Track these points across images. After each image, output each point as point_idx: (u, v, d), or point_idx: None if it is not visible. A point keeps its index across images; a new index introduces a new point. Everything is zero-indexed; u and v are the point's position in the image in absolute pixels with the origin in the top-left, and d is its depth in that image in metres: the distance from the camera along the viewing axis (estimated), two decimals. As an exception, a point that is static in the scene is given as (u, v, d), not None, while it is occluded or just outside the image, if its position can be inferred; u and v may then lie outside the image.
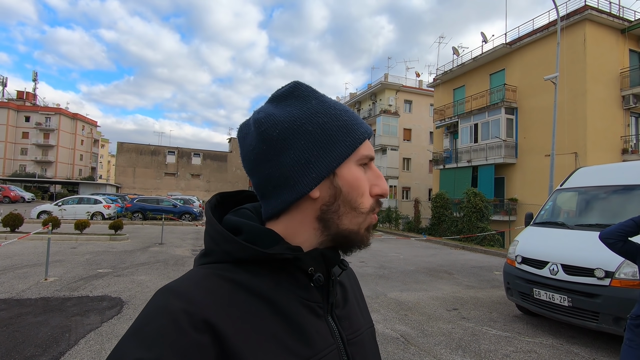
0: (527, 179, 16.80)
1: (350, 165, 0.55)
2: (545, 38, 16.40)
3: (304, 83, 0.58)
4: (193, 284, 0.47)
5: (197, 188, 47.15)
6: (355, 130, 0.56)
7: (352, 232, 0.55)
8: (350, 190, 0.54)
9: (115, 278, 6.76)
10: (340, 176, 0.54)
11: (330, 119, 0.54)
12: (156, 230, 14.94)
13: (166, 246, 11.20)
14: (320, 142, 0.53)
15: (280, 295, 0.51)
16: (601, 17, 14.91)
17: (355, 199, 0.54)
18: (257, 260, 0.51)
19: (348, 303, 0.62)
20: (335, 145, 0.53)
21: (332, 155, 0.53)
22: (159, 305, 0.44)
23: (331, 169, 0.53)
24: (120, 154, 45.66)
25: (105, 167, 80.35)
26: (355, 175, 0.55)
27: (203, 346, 0.42)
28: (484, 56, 19.28)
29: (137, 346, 0.41)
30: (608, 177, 5.24)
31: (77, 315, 4.67)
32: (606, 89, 15.02)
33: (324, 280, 0.54)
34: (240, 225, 0.54)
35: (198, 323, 0.42)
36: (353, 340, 0.57)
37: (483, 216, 15.45)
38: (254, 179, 0.56)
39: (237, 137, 0.59)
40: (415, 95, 32.00)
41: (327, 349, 0.52)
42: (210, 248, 0.54)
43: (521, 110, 17.50)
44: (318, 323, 0.53)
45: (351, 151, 0.54)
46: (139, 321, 0.44)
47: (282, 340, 0.47)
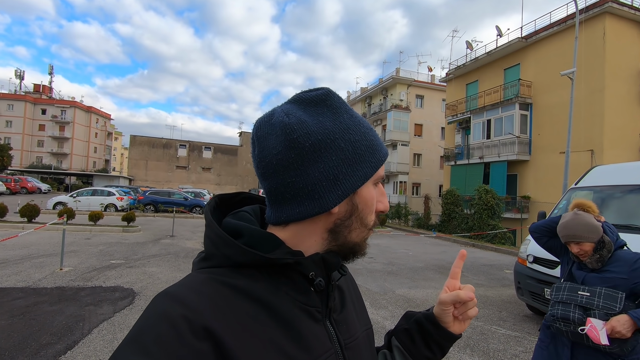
0: (540, 177, 16.49)
1: (368, 185, 0.56)
2: (562, 32, 15.96)
3: (335, 92, 0.57)
4: (192, 289, 0.47)
5: (207, 181, 47.64)
6: (379, 151, 0.57)
7: (357, 244, 0.57)
8: (364, 208, 0.56)
9: (127, 269, 6.90)
10: (359, 194, 0.55)
11: (361, 138, 0.55)
12: (167, 223, 15.17)
13: (177, 238, 11.37)
14: (350, 161, 0.53)
15: (279, 300, 0.50)
16: (622, 10, 14.41)
17: (367, 216, 0.57)
18: (257, 265, 0.51)
19: (345, 307, 0.63)
20: (363, 164, 0.54)
21: (359, 175, 0.53)
22: (158, 311, 0.44)
23: (355, 188, 0.53)
24: (133, 147, 46.35)
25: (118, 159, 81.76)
26: (371, 195, 0.57)
27: (202, 353, 0.41)
28: (498, 50, 18.88)
29: (136, 353, 0.41)
30: (626, 176, 5.10)
31: (90, 305, 4.79)
32: (625, 84, 14.58)
33: (324, 285, 0.54)
34: (241, 228, 0.54)
35: (197, 330, 0.42)
36: (350, 344, 0.58)
37: (494, 214, 15.25)
38: (269, 182, 0.53)
39: (255, 135, 0.55)
40: (427, 90, 31.58)
41: (325, 354, 0.52)
42: (210, 252, 0.53)
43: (536, 106, 17.13)
44: (316, 328, 0.53)
45: (374, 172, 0.56)
46: (138, 327, 0.44)
47: (281, 346, 0.47)
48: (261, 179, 0.55)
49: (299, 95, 0.56)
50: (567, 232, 1.91)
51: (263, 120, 0.55)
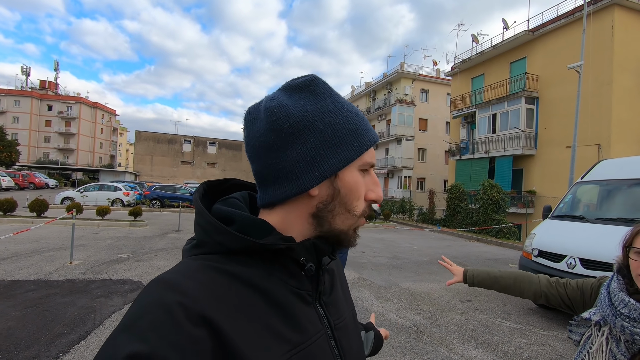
0: (546, 171, 16.38)
1: (352, 169, 0.56)
2: (570, 25, 15.74)
3: (321, 79, 0.58)
4: (186, 276, 0.47)
5: (212, 176, 47.81)
6: (364, 136, 0.56)
7: (343, 232, 0.57)
8: (348, 193, 0.55)
9: (135, 263, 7.01)
10: (341, 178, 0.55)
11: (342, 121, 0.55)
12: (173, 218, 15.32)
13: (183, 233, 11.49)
14: (329, 143, 0.53)
15: (272, 285, 0.52)
16: (631, 2, 14.16)
17: (352, 202, 0.56)
18: (250, 251, 0.51)
19: (334, 290, 0.64)
20: (343, 147, 0.54)
21: (338, 158, 0.54)
22: (153, 298, 0.43)
23: (335, 171, 0.54)
24: (139, 142, 46.61)
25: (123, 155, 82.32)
26: (355, 180, 0.56)
27: (199, 339, 0.41)
28: (504, 44, 18.68)
29: (132, 339, 0.40)
30: (632, 169, 5.08)
31: (101, 297, 4.89)
32: (634, 77, 14.37)
33: (315, 270, 0.56)
34: (232, 215, 0.54)
35: (193, 316, 0.42)
36: (339, 325, 0.60)
37: (499, 208, 15.20)
38: (255, 165, 0.56)
39: (244, 119, 0.58)
40: (432, 84, 31.35)
41: (316, 335, 0.54)
42: (201, 239, 0.53)
43: (542, 100, 16.96)
44: (307, 310, 0.55)
45: (356, 156, 0.55)
46: (132, 314, 0.43)
47: (275, 328, 0.49)
48: (250, 161, 0.57)
49: (287, 82, 0.57)
50: None
51: (253, 107, 0.58)
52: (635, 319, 1.00)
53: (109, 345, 0.41)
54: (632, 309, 1.01)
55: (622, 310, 1.03)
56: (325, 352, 0.54)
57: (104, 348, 0.41)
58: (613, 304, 1.06)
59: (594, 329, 1.10)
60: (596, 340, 1.08)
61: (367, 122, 0.58)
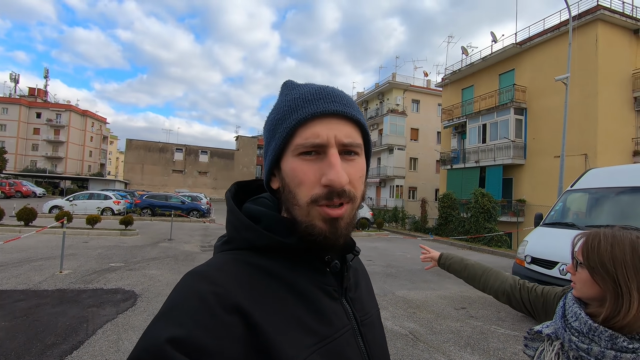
0: (535, 180, 16.67)
1: (287, 157, 0.54)
2: (556, 38, 16.25)
3: (289, 81, 0.59)
4: (219, 269, 0.50)
5: (204, 185, 47.49)
6: (286, 120, 0.54)
7: (302, 224, 0.52)
8: (289, 182, 0.54)
9: (127, 272, 6.90)
10: (283, 168, 0.55)
11: (275, 114, 0.56)
12: (165, 226, 15.13)
13: (175, 242, 11.36)
14: (267, 138, 0.58)
15: (298, 279, 0.53)
16: (614, 17, 14.72)
17: (294, 190, 0.53)
18: (276, 247, 0.53)
19: (359, 287, 0.65)
20: (274, 138, 0.55)
21: (271, 149, 0.56)
22: (188, 289, 0.46)
23: (272, 162, 0.56)
24: (129, 151, 46.15)
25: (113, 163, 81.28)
26: (291, 166, 0.53)
27: (231, 325, 0.44)
28: (493, 56, 19.15)
29: (169, 325, 0.42)
30: (619, 178, 5.22)
31: (93, 306, 4.80)
32: (618, 90, 14.85)
33: (339, 267, 0.57)
34: (260, 214, 0.57)
35: (226, 304, 0.45)
36: (365, 321, 0.61)
37: (491, 217, 15.37)
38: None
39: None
40: (423, 95, 31.87)
41: (343, 329, 0.54)
42: (232, 236, 0.57)
43: (530, 111, 17.37)
44: (334, 305, 0.55)
45: (280, 143, 0.54)
46: (168, 304, 0.46)
47: (302, 320, 0.50)
48: None
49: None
50: None
51: None
52: (584, 334, 0.89)
53: (149, 331, 0.43)
54: (582, 322, 0.91)
55: (574, 323, 0.93)
56: (351, 346, 0.54)
57: (144, 334, 0.43)
58: (566, 316, 0.97)
59: (546, 344, 1.00)
60: (547, 356, 0.98)
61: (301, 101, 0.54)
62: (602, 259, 0.88)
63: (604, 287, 0.87)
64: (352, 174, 0.53)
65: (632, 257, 0.85)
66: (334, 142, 0.52)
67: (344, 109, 0.54)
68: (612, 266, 0.86)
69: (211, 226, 17.50)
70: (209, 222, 19.28)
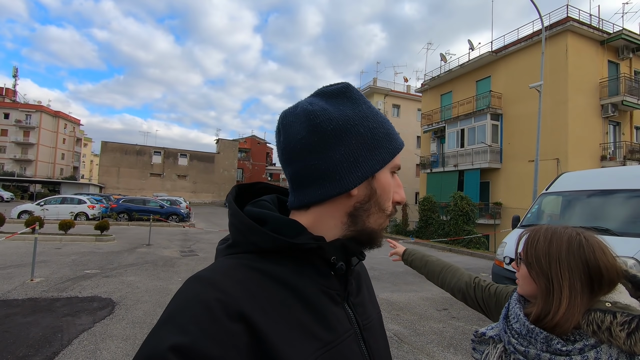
0: (511, 184, 17.24)
1: (385, 171, 0.59)
2: (529, 47, 16.94)
3: (354, 87, 0.61)
4: (223, 274, 0.49)
5: (183, 189, 46.48)
6: (396, 140, 0.61)
7: (374, 231, 0.60)
8: (382, 194, 0.59)
9: (104, 279, 6.66)
10: (377, 179, 0.58)
11: (379, 125, 0.59)
12: (143, 231, 14.71)
13: (154, 247, 11.05)
14: (369, 145, 0.57)
15: (303, 283, 0.53)
16: (582, 29, 15.49)
17: (385, 202, 0.59)
18: (282, 250, 0.53)
19: (361, 291, 0.66)
20: (381, 150, 0.58)
21: (377, 159, 0.57)
22: (192, 295, 0.46)
23: (373, 171, 0.57)
24: (104, 154, 44.66)
25: (87, 166, 78.44)
26: (388, 181, 0.60)
27: (236, 333, 0.43)
28: (470, 63, 19.75)
29: (174, 332, 0.42)
30: (590, 181, 5.48)
31: (67, 315, 4.60)
32: (586, 97, 15.61)
33: (345, 269, 0.57)
34: (265, 216, 0.57)
35: (230, 311, 0.44)
36: (367, 325, 0.61)
37: (469, 219, 15.77)
38: (292, 167, 0.57)
39: (280, 124, 0.60)
40: (403, 100, 32.45)
41: (345, 334, 0.55)
42: (236, 239, 0.56)
43: (506, 117, 17.98)
44: (337, 310, 0.56)
45: (391, 158, 0.59)
46: (171, 309, 0.45)
47: (306, 326, 0.50)
48: (285, 164, 0.59)
49: (321, 89, 0.60)
50: None
51: (288, 111, 0.59)
52: (523, 336, 0.85)
53: (151, 338, 0.42)
54: (521, 323, 0.86)
55: (514, 325, 0.88)
56: (354, 352, 0.55)
57: (146, 341, 0.42)
58: (508, 317, 0.92)
59: (491, 347, 0.94)
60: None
61: (394, 128, 0.63)
62: (538, 254, 0.86)
63: (538, 283, 0.85)
64: None
65: (567, 254, 0.82)
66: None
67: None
68: (547, 262, 0.83)
69: (191, 231, 17.14)
70: (188, 226, 18.88)
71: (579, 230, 0.85)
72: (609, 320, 0.76)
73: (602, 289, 0.81)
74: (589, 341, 0.77)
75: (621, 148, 16.29)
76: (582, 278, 0.80)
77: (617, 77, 16.05)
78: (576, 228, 0.86)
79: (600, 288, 0.81)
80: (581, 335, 0.79)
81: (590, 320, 0.77)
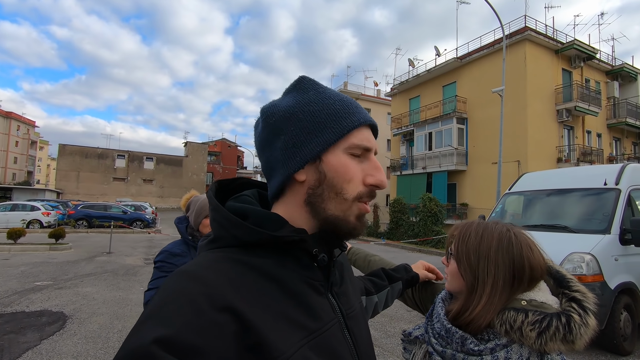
0: (476, 185, 17.89)
1: (337, 152, 0.57)
2: (491, 54, 17.72)
3: (309, 77, 0.62)
4: (207, 267, 0.50)
5: (149, 194, 44.65)
6: (345, 119, 0.57)
7: (338, 219, 0.57)
8: (335, 176, 0.56)
9: (56, 291, 6.17)
10: (326, 162, 0.56)
11: (321, 108, 0.57)
12: (103, 239, 13.91)
13: (115, 255, 10.46)
14: (308, 129, 0.56)
15: (286, 275, 0.53)
16: (539, 38, 16.41)
17: (340, 185, 0.56)
18: (264, 243, 0.53)
19: (344, 281, 0.67)
20: (323, 132, 0.56)
21: (317, 141, 0.56)
22: (176, 289, 0.45)
23: (315, 154, 0.56)
24: (62, 157, 42.09)
25: (43, 171, 73.66)
26: (341, 162, 0.57)
27: (222, 324, 0.43)
28: (437, 69, 20.38)
29: (157, 325, 0.41)
30: (549, 181, 5.74)
31: (11, 333, 4.19)
32: (543, 103, 16.52)
33: (327, 261, 0.58)
34: (246, 210, 0.57)
35: (216, 303, 0.44)
36: (351, 314, 0.62)
37: (438, 220, 16.17)
38: (261, 162, 0.62)
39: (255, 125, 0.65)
40: (374, 104, 32.96)
41: (330, 322, 0.56)
42: (218, 234, 0.56)
43: (471, 121, 18.68)
44: (320, 300, 0.56)
45: (337, 138, 0.56)
46: (155, 304, 0.45)
47: (291, 315, 0.50)
48: (260, 161, 0.62)
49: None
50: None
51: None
52: (442, 336, 0.82)
53: (135, 332, 0.42)
54: (442, 323, 0.83)
55: (436, 324, 0.85)
56: (339, 339, 0.56)
57: (130, 335, 0.42)
58: (432, 316, 0.90)
59: (417, 346, 0.91)
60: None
61: (352, 107, 0.59)
62: (468, 250, 0.84)
63: (465, 279, 0.83)
64: None
65: (496, 251, 0.81)
66: (375, 150, 0.61)
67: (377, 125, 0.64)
68: (476, 259, 0.82)
69: (157, 237, 16.43)
70: (154, 232, 18.11)
71: (510, 226, 0.85)
72: (521, 319, 0.74)
73: (522, 286, 0.80)
74: (501, 340, 0.76)
75: (575, 151, 17.34)
76: (506, 276, 0.80)
77: (570, 84, 17.12)
78: (507, 224, 0.85)
79: (520, 285, 0.80)
80: (495, 334, 0.77)
81: (504, 320, 0.76)
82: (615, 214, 4.38)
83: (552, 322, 0.73)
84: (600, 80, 19.47)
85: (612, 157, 19.14)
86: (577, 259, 4.01)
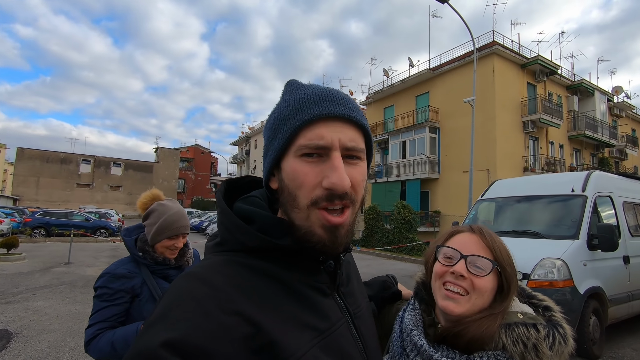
0: (448, 193, 18.30)
1: (288, 158, 0.53)
2: (462, 67, 18.35)
3: (293, 80, 0.59)
4: (214, 270, 0.50)
5: (116, 201, 42.69)
6: (290, 120, 0.53)
7: (301, 230, 0.52)
8: (290, 183, 0.53)
9: (2, 306, 5.62)
10: (283, 169, 0.54)
11: (278, 113, 0.55)
12: (62, 248, 13.00)
13: (74, 266, 9.77)
14: (269, 137, 0.56)
15: (292, 278, 0.53)
16: (506, 53, 17.18)
17: (294, 192, 0.52)
18: (269, 249, 0.53)
19: (351, 281, 0.67)
20: (277, 137, 0.54)
21: (273, 149, 0.55)
22: (183, 291, 0.46)
23: (273, 162, 0.55)
24: (20, 162, 39.54)
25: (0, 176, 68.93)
26: (292, 167, 0.53)
27: (231, 327, 0.43)
28: (410, 79, 20.86)
29: (165, 328, 0.41)
30: (518, 188, 5.88)
31: (-58, 355, 3.71)
32: (511, 114, 17.23)
33: (334, 267, 0.58)
34: (253, 214, 0.56)
35: (225, 307, 0.44)
36: (358, 314, 0.62)
37: (411, 227, 16.34)
38: None
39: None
40: (349, 112, 33.31)
41: (338, 322, 0.56)
42: (225, 237, 0.56)
43: (443, 130, 19.17)
44: (327, 301, 0.56)
45: (283, 143, 0.53)
46: (163, 306, 0.44)
47: (300, 317, 0.50)
48: None
49: None
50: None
51: None
52: None
53: (143, 336, 0.42)
54: (425, 357, 0.72)
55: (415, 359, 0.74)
56: (347, 339, 0.56)
57: (137, 339, 0.42)
58: (405, 349, 0.77)
59: None
60: None
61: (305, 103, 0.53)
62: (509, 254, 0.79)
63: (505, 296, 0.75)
64: (354, 178, 0.53)
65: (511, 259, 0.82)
66: (338, 145, 0.52)
67: (350, 113, 0.54)
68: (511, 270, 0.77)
69: (121, 246, 15.55)
70: (119, 241, 17.19)
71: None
72: (534, 335, 0.66)
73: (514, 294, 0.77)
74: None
75: (540, 160, 18.15)
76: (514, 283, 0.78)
77: (535, 97, 17.97)
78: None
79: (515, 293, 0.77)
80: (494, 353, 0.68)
81: (515, 338, 0.67)
82: (583, 220, 4.50)
83: (556, 335, 0.67)
84: (562, 95, 20.58)
85: (573, 167, 20.18)
86: (548, 264, 4.06)
